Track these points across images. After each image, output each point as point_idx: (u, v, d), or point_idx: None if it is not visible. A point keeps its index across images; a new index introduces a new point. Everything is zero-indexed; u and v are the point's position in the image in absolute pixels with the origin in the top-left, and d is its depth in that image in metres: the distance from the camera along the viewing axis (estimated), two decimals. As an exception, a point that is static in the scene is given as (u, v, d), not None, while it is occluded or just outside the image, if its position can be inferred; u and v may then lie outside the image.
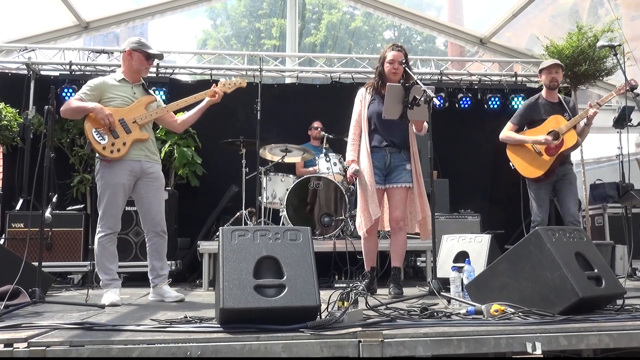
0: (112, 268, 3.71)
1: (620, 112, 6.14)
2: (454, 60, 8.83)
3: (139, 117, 3.78)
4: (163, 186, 3.94)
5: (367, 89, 4.18)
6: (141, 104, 3.84)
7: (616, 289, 2.91)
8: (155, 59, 3.96)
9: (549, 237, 2.81)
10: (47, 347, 2.08)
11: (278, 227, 2.61)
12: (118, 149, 3.65)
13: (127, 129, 3.72)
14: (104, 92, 3.74)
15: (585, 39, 6.60)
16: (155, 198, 3.83)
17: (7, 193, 6.52)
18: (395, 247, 4.11)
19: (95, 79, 3.84)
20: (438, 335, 2.28)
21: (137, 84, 3.92)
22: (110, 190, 3.67)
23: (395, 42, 4.20)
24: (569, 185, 4.59)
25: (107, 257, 3.69)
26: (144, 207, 3.82)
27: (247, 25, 18.16)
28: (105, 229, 3.67)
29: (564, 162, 4.63)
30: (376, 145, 4.07)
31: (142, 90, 3.94)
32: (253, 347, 2.15)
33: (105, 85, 3.78)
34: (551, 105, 4.72)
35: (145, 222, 3.84)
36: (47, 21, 7.38)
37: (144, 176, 3.80)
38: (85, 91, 3.72)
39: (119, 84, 3.83)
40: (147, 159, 3.82)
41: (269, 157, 5.90)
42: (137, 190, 3.81)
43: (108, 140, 3.63)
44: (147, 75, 4.03)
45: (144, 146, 3.81)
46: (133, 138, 3.72)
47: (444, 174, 6.77)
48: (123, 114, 3.73)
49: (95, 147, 3.61)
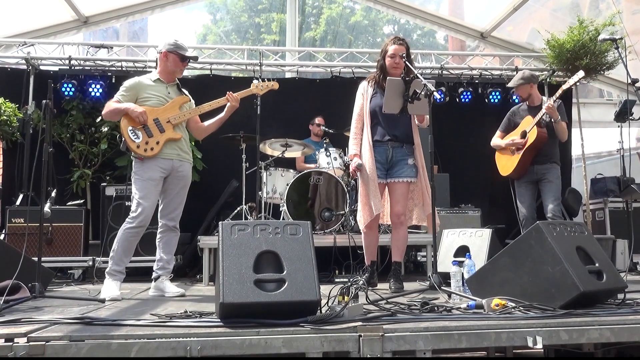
0: (125, 261, 3.76)
1: (622, 106, 6.14)
2: (455, 54, 8.79)
3: (172, 116, 3.86)
4: (188, 185, 4.02)
5: (369, 82, 4.16)
6: (175, 104, 3.93)
7: (617, 283, 2.90)
8: (189, 60, 4.01)
9: (550, 231, 2.80)
10: (47, 342, 2.07)
11: (278, 222, 2.60)
12: (152, 148, 3.75)
13: (161, 128, 3.81)
14: (139, 92, 3.85)
15: (587, 32, 6.58)
16: (178, 195, 3.94)
17: (7, 188, 6.53)
18: (396, 242, 4.11)
19: (131, 80, 3.94)
20: (439, 329, 2.28)
21: (172, 83, 4.01)
22: (143, 185, 3.75)
23: (397, 36, 4.18)
24: (548, 184, 4.82)
25: (126, 249, 3.74)
26: (165, 200, 3.92)
27: (247, 20, 18.13)
28: (136, 223, 3.71)
29: (543, 161, 4.85)
30: (378, 140, 4.06)
31: (177, 90, 4.03)
32: (253, 342, 2.14)
33: (140, 86, 3.88)
34: (530, 109, 4.97)
35: (162, 215, 3.92)
36: (46, 16, 7.35)
37: (174, 173, 3.89)
38: (122, 92, 3.84)
39: (154, 84, 3.92)
40: (179, 158, 3.91)
41: (269, 152, 5.89)
42: (164, 186, 3.89)
43: (142, 139, 3.73)
44: (181, 76, 4.12)
45: (176, 145, 3.89)
46: (166, 137, 3.81)
47: (445, 168, 6.76)
48: (157, 113, 3.82)
49: (130, 145, 3.71)
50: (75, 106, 6.58)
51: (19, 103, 6.38)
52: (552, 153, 4.88)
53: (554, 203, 4.73)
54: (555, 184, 4.82)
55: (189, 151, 4.04)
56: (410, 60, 3.99)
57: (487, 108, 7.21)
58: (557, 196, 4.80)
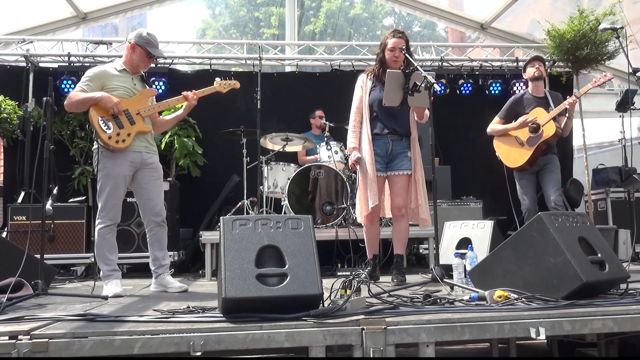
0: (112, 259, 3.71)
1: (623, 96, 6.12)
2: (455, 46, 8.77)
3: (142, 109, 3.79)
4: (162, 176, 3.94)
5: (367, 75, 4.15)
6: (144, 96, 3.85)
7: (619, 273, 2.90)
8: (156, 57, 3.93)
9: (552, 222, 2.80)
10: (50, 339, 2.08)
11: (279, 216, 2.60)
12: (123, 140, 3.65)
13: (132, 120, 3.72)
14: (105, 82, 3.73)
15: (587, 22, 6.54)
16: (154, 188, 3.84)
17: (9, 186, 6.53)
18: (398, 235, 4.11)
19: (94, 68, 3.82)
20: (441, 321, 2.28)
21: (137, 75, 3.91)
22: (112, 182, 3.66)
23: (396, 28, 4.16)
24: (550, 174, 4.83)
25: (108, 248, 3.69)
26: (144, 198, 3.82)
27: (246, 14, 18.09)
28: (105, 220, 3.66)
29: (546, 152, 4.84)
30: (378, 133, 4.05)
31: (142, 82, 3.95)
32: (256, 336, 2.14)
33: (105, 75, 3.76)
34: (536, 99, 4.94)
35: (145, 213, 3.84)
36: (45, 12, 7.32)
37: (144, 167, 3.80)
38: (86, 82, 3.70)
39: (120, 74, 3.81)
40: (147, 150, 3.83)
41: (269, 147, 5.88)
42: (136, 181, 3.81)
43: (113, 130, 3.63)
44: (146, 70, 4.01)
45: (144, 137, 3.82)
46: (137, 130, 3.74)
47: (446, 160, 6.76)
48: (127, 104, 3.73)
49: (101, 136, 3.59)
50: (75, 103, 6.56)
51: (18, 100, 6.37)
52: (554, 144, 4.90)
53: (556, 193, 4.74)
54: (557, 174, 4.84)
55: (155, 143, 3.96)
56: (410, 53, 3.98)
57: (488, 99, 7.18)
58: (558, 186, 4.82)
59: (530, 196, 4.89)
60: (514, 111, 4.99)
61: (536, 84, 4.97)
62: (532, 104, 4.91)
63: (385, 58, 4.04)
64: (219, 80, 4.18)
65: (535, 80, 4.96)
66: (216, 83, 4.16)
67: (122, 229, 5.11)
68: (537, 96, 4.96)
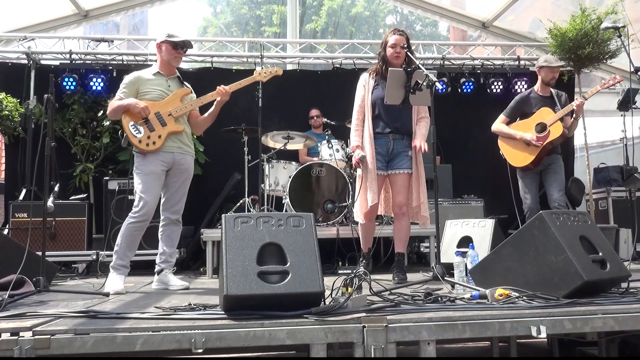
0: (129, 255, 3.77)
1: (625, 95, 6.12)
2: (457, 44, 8.75)
3: (174, 109, 3.85)
4: (190, 178, 4.02)
5: (370, 74, 4.15)
6: (177, 96, 3.91)
7: (620, 272, 2.90)
8: (183, 47, 3.96)
9: (553, 220, 2.80)
10: (52, 336, 2.08)
11: (281, 214, 2.59)
12: (154, 142, 3.74)
13: (163, 121, 3.79)
14: (139, 87, 3.83)
15: (589, 21, 6.53)
16: (180, 188, 3.93)
17: (10, 183, 6.55)
18: (398, 233, 4.12)
19: (130, 75, 3.91)
20: (442, 319, 2.28)
21: (172, 76, 3.99)
22: (145, 179, 3.74)
23: (396, 27, 4.18)
24: (553, 174, 4.85)
25: (130, 243, 3.75)
26: (168, 194, 3.91)
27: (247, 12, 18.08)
28: (138, 217, 3.71)
29: (551, 152, 4.86)
30: (379, 132, 4.05)
31: (178, 83, 4.01)
32: (257, 334, 2.15)
33: (139, 80, 3.86)
34: (542, 98, 4.94)
35: (165, 208, 3.92)
36: (47, 10, 7.34)
37: (175, 167, 3.88)
38: (122, 90, 3.83)
39: (154, 77, 3.91)
40: (180, 151, 3.90)
41: (271, 145, 5.88)
42: (166, 179, 3.89)
43: (144, 134, 3.73)
44: (179, 64, 4.09)
45: (177, 138, 3.89)
46: (168, 131, 3.80)
47: (447, 159, 6.76)
48: (159, 107, 3.81)
49: (132, 141, 3.71)
50: (76, 100, 6.58)
51: (20, 98, 6.38)
52: (558, 144, 4.93)
53: (560, 193, 4.76)
54: (561, 175, 4.86)
55: (191, 144, 4.03)
56: (411, 51, 3.98)
57: (489, 98, 7.18)
58: (562, 187, 4.85)
59: (532, 195, 4.90)
60: (521, 110, 4.99)
61: (545, 86, 4.97)
62: (539, 103, 4.90)
63: (387, 55, 4.04)
64: (259, 70, 4.21)
65: (549, 85, 4.98)
66: (256, 72, 4.18)
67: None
68: (543, 95, 4.96)
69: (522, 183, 4.98)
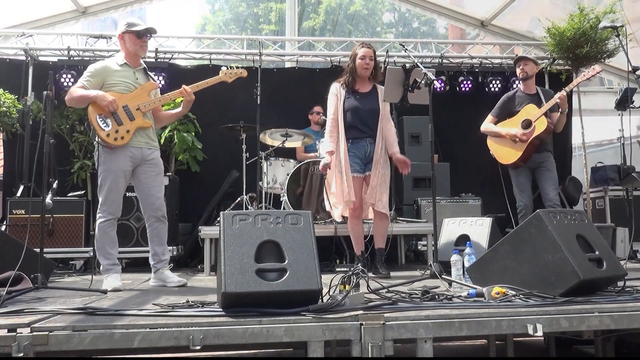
0: (112, 253, 3.73)
1: (622, 94, 6.14)
2: (455, 43, 8.76)
3: (142, 104, 3.77)
4: (162, 172, 3.95)
5: (341, 84, 4.30)
6: (144, 90, 3.83)
7: (617, 271, 2.91)
8: (146, 34, 3.84)
9: (550, 219, 2.81)
10: (50, 332, 2.08)
11: (279, 212, 2.60)
12: (122, 137, 3.64)
13: (131, 116, 3.71)
14: (106, 78, 3.73)
15: (587, 20, 6.55)
16: (155, 183, 3.84)
17: (8, 180, 6.53)
18: (378, 229, 4.32)
19: (96, 64, 3.81)
20: (439, 317, 2.29)
21: (139, 68, 3.90)
22: (112, 177, 3.67)
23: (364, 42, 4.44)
24: (546, 172, 4.86)
25: (108, 242, 3.70)
26: (144, 193, 3.83)
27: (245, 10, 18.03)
28: (106, 215, 3.68)
29: (541, 150, 4.87)
30: (357, 137, 4.24)
31: (144, 76, 3.92)
32: (255, 331, 2.15)
33: (107, 70, 3.75)
34: (528, 96, 4.98)
35: (146, 208, 3.85)
36: (45, 6, 7.30)
37: (144, 162, 3.80)
38: (87, 78, 3.70)
39: (121, 68, 3.80)
40: (148, 146, 3.83)
41: (269, 142, 5.88)
42: (136, 176, 3.82)
43: (112, 127, 3.62)
44: (146, 53, 3.98)
45: (145, 133, 3.81)
46: (136, 125, 3.73)
47: (445, 157, 6.77)
48: (127, 100, 3.71)
49: (100, 134, 3.60)
50: (74, 97, 6.56)
51: (18, 94, 6.36)
52: (549, 141, 4.93)
53: (554, 192, 4.77)
54: (553, 173, 4.88)
55: (156, 138, 3.96)
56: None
57: (488, 97, 7.16)
58: (556, 185, 4.86)
59: (526, 193, 4.91)
60: (507, 109, 5.03)
61: (526, 83, 5.00)
62: (524, 101, 4.94)
63: (356, 66, 4.23)
64: (224, 70, 4.16)
65: (523, 80, 5.00)
66: (222, 72, 4.14)
67: (121, 224, 5.10)
68: (528, 93, 4.99)
69: (515, 181, 4.98)
